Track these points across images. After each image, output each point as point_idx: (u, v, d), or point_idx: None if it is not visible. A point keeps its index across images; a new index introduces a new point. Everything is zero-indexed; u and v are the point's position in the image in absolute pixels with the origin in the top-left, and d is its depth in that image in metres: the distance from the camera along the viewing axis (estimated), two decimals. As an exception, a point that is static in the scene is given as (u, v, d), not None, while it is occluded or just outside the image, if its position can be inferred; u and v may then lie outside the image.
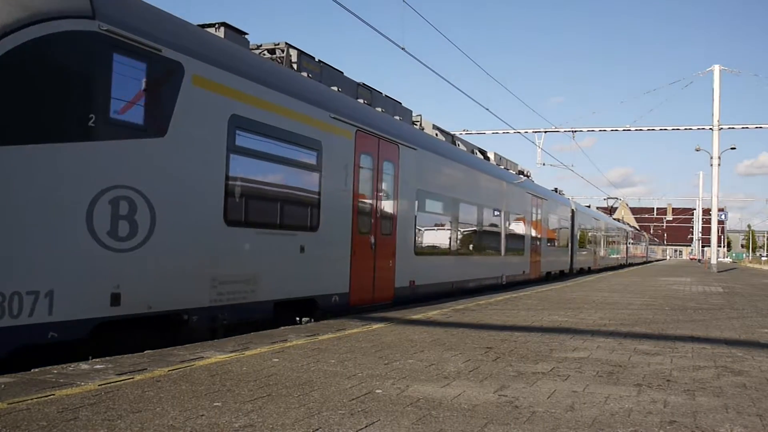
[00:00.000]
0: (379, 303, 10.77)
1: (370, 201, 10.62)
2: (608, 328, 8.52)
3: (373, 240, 10.60)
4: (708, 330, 8.69)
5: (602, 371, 5.52)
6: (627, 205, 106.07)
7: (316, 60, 10.27)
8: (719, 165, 33.31)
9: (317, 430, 3.54)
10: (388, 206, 11.31)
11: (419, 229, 12.55)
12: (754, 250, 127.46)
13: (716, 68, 33.07)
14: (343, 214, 9.79)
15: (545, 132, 32.76)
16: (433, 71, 33.77)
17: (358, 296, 10.07)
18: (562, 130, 33.02)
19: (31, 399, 3.97)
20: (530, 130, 32.71)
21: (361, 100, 11.25)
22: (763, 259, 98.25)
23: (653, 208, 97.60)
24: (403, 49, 13.33)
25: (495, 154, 19.65)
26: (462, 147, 16.74)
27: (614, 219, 55.11)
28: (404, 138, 11.94)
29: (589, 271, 32.71)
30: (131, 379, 4.62)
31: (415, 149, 12.23)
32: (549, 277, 23.66)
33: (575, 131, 33.09)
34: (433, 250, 13.62)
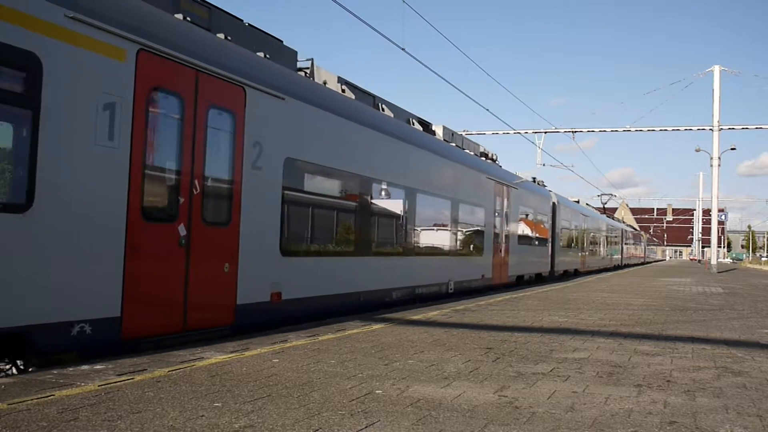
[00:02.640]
0: (199, 330, 6.91)
1: (174, 168, 6.81)
2: (608, 329, 8.52)
3: (184, 231, 6.79)
4: (708, 330, 8.70)
5: (602, 372, 5.52)
6: (627, 205, 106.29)
7: None
8: (719, 165, 33.38)
9: (317, 430, 3.55)
10: (219, 179, 7.44)
11: (291, 217, 8.75)
12: (754, 251, 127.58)
13: (716, 68, 33.14)
14: (103, 186, 5.92)
15: (545, 132, 32.78)
16: (433, 71, 33.81)
17: (143, 322, 6.25)
18: (563, 130, 33.05)
19: (32, 399, 3.97)
20: (530, 131, 32.74)
21: (181, 16, 7.38)
22: (763, 259, 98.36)
23: (653, 209, 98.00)
24: (403, 49, 13.33)
25: (444, 128, 15.74)
26: (389, 113, 12.90)
27: (609, 217, 50.36)
28: (259, 79, 8.02)
29: (576, 274, 29.66)
30: (131, 380, 4.63)
31: (282, 99, 8.41)
32: (521, 282, 20.11)
33: (575, 132, 33.12)
34: (322, 249, 9.71)
